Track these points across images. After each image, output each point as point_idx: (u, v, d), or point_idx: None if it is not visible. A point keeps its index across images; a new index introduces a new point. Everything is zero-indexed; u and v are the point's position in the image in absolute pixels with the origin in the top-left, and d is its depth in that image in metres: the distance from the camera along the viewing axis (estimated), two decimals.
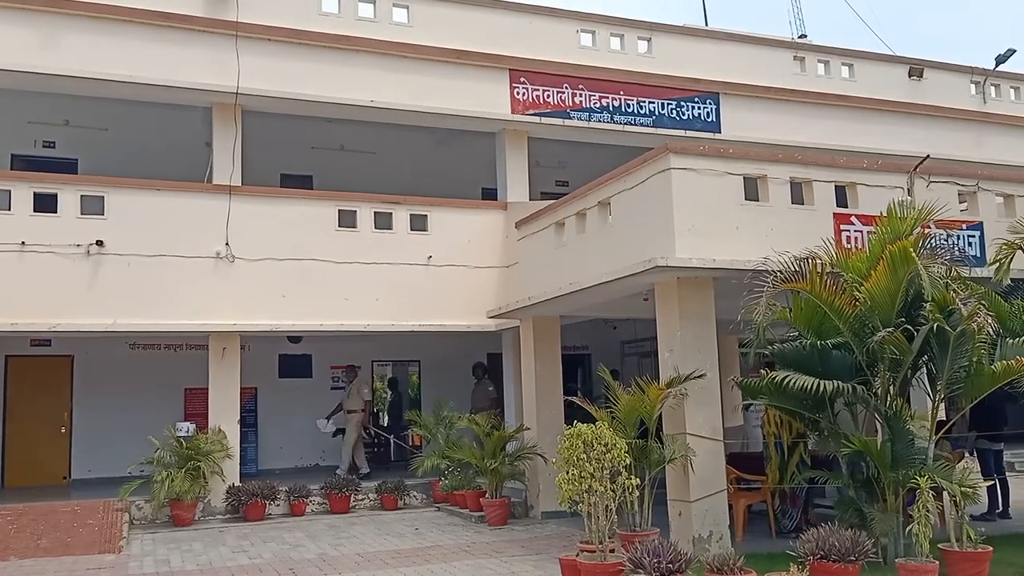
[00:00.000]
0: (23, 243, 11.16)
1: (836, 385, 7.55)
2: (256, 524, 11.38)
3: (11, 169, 13.98)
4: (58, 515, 10.84)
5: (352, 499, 12.31)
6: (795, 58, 16.26)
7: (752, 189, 8.96)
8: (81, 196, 11.66)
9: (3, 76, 11.60)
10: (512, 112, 13.85)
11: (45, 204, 11.47)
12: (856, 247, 8.73)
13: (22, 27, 11.47)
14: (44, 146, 14.88)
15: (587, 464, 7.18)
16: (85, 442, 14.18)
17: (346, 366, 14.69)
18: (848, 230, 9.09)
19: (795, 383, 7.55)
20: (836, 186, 9.32)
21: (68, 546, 9.83)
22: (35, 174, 12.52)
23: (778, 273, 7.82)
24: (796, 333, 8.29)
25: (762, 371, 8.28)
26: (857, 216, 9.19)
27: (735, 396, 10.49)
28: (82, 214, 11.59)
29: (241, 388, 12.45)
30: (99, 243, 11.47)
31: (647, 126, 14.60)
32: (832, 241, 8.67)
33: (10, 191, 11.39)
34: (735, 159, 9.06)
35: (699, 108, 15.07)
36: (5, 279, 11.00)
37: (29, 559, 9.29)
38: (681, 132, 14.62)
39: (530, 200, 13.82)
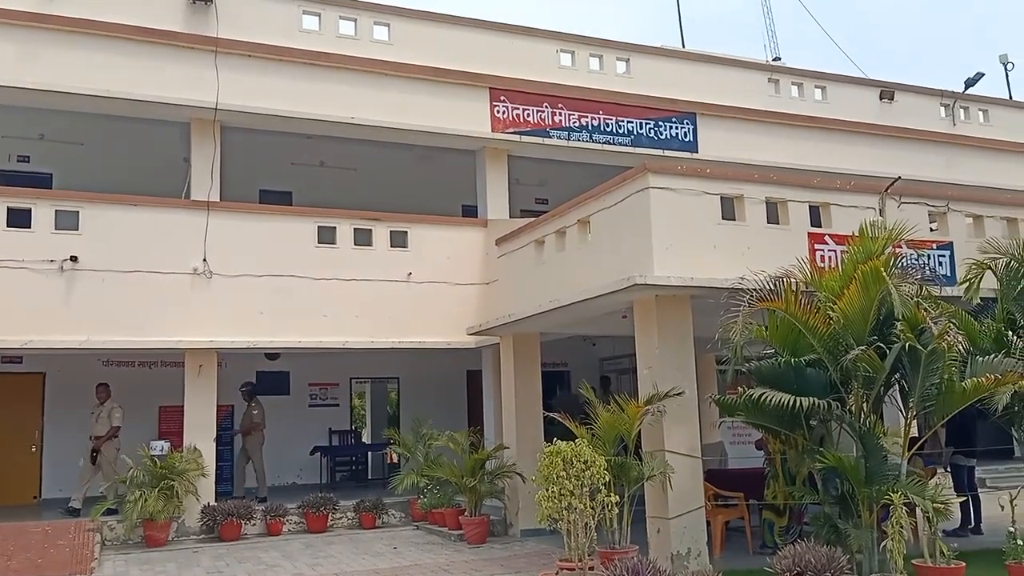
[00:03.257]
0: None
1: (811, 402, 7.62)
2: (232, 544, 11.25)
3: None
4: (28, 535, 10.65)
5: (330, 518, 12.22)
6: (769, 80, 16.53)
7: (729, 208, 9.09)
8: (56, 211, 11.55)
9: None
10: (492, 130, 13.94)
11: (18, 219, 11.34)
12: (830, 266, 8.87)
13: (0, 42, 11.38)
14: (18, 160, 14.74)
15: (566, 481, 7.21)
16: (56, 461, 13.96)
17: (98, 385, 12.67)
18: (822, 249, 9.25)
19: (771, 400, 7.63)
20: (810, 206, 9.49)
21: (39, 567, 9.64)
22: (8, 189, 12.34)
23: (754, 292, 7.91)
24: (772, 351, 8.38)
25: (739, 388, 8.36)
26: (831, 236, 9.34)
27: (713, 413, 10.57)
28: (56, 229, 11.47)
29: (218, 406, 12.34)
30: (73, 259, 11.35)
31: (625, 145, 14.76)
32: (807, 260, 8.78)
33: None
34: (712, 179, 9.20)
35: (677, 128, 15.26)
36: None
37: None
38: (659, 151, 14.80)
39: (510, 217, 13.90)
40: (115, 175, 13.75)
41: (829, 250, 9.21)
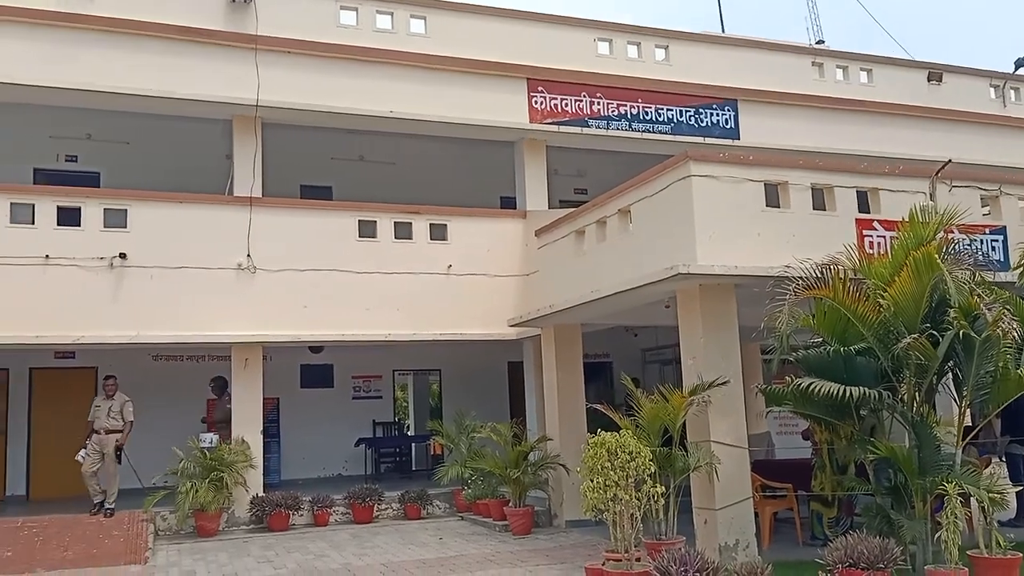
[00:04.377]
0: (47, 257, 11.29)
1: (861, 391, 7.48)
2: (280, 534, 11.42)
3: (34, 183, 14.15)
4: (84, 526, 10.92)
5: (375, 509, 12.34)
6: (813, 63, 16.23)
7: (773, 195, 8.95)
8: (104, 209, 11.78)
9: (26, 91, 11.77)
10: (530, 121, 13.90)
11: (69, 218, 11.59)
12: (879, 253, 8.69)
13: (45, 42, 11.62)
14: (67, 160, 15.04)
15: (611, 472, 7.18)
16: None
17: (106, 377, 12.10)
18: (871, 235, 9.06)
19: (820, 389, 7.51)
20: (858, 191, 9.29)
21: (94, 557, 9.89)
22: (58, 188, 12.67)
23: (800, 280, 7.79)
24: (820, 339, 8.25)
25: (787, 378, 8.23)
26: (879, 221, 9.14)
27: (758, 403, 10.43)
28: (105, 227, 11.70)
29: (263, 398, 12.52)
30: (122, 256, 11.58)
31: (665, 133, 14.61)
32: (855, 247, 8.61)
33: (34, 205, 11.53)
34: (755, 166, 9.05)
35: (717, 115, 15.05)
36: (30, 293, 11.12)
37: (55, 570, 9.35)
38: (700, 139, 14.63)
39: (549, 208, 13.85)
40: (160, 173, 13.99)
41: (878, 236, 9.01)
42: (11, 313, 11.00)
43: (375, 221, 12.99)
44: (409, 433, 17.37)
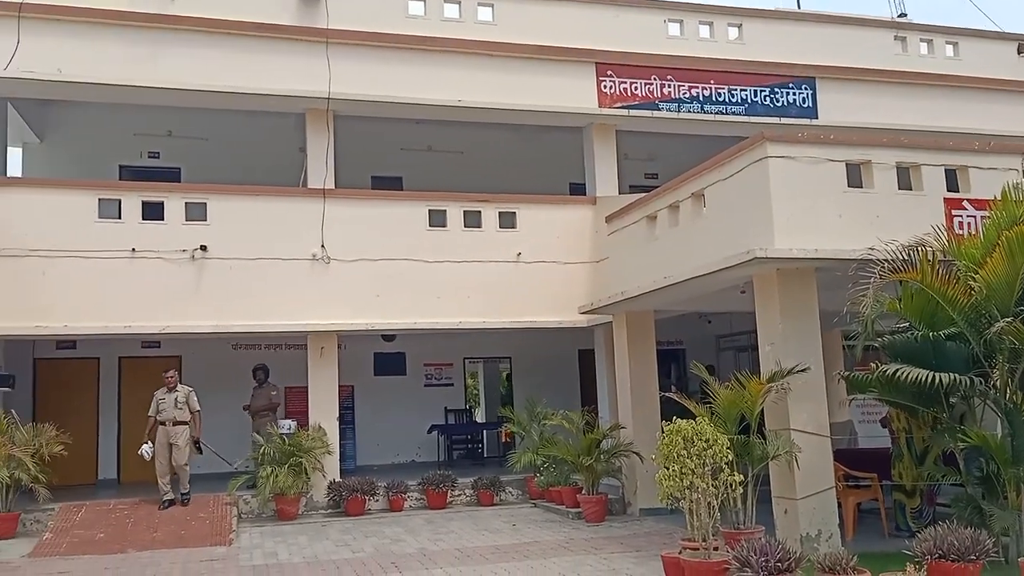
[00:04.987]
0: (133, 250, 11.72)
1: (952, 378, 7.18)
2: (356, 519, 11.64)
3: (120, 180, 14.71)
4: (171, 509, 11.33)
5: (449, 495, 12.46)
6: (896, 38, 15.61)
7: (855, 176, 8.63)
8: (185, 203, 12.15)
9: (112, 91, 12.20)
10: (599, 106, 13.73)
11: (152, 212, 12.00)
12: (969, 233, 8.30)
13: (128, 43, 12.01)
14: (149, 156, 15.59)
15: (688, 460, 7.06)
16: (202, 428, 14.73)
17: (169, 369, 12.15)
18: (960, 215, 8.67)
19: (907, 376, 7.23)
20: (946, 170, 8.89)
21: (182, 538, 10.25)
22: (143, 183, 13.14)
23: (886, 263, 7.50)
24: (906, 324, 7.94)
25: (871, 364, 7.95)
26: (969, 201, 8.75)
27: (840, 390, 10.12)
28: (187, 220, 12.07)
29: (339, 386, 12.75)
30: (203, 248, 11.93)
31: (739, 114, 14.26)
32: (943, 227, 8.25)
33: (120, 200, 11.97)
34: (836, 145, 8.74)
35: (794, 94, 14.61)
36: (118, 284, 11.58)
37: (147, 551, 9.73)
38: (775, 119, 14.23)
39: (619, 194, 13.69)
40: (237, 167, 14.40)
41: (968, 216, 8.62)
42: (102, 305, 11.48)
43: (445, 210, 13.06)
44: (479, 420, 17.48)
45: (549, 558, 8.59)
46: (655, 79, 13.96)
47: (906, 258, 7.53)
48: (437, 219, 13.01)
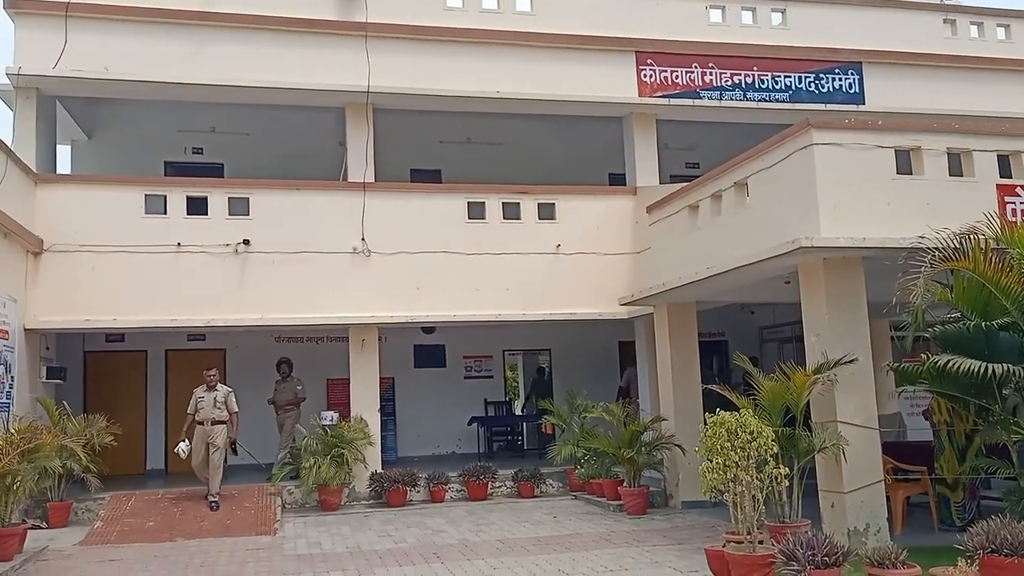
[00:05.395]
0: (179, 244, 11.91)
1: (1005, 368, 6.97)
2: (398, 510, 11.72)
3: (164, 175, 14.97)
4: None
5: (489, 487, 12.47)
6: (945, 21, 15.22)
7: (904, 162, 8.42)
8: (228, 198, 12.30)
9: (158, 88, 12.44)
10: (639, 95, 13.62)
11: (197, 207, 12.18)
12: (1023, 220, 8.05)
13: (172, 41, 12.24)
14: (193, 152, 15.83)
15: (732, 453, 6.96)
16: (239, 429, 15.00)
17: (210, 368, 12.02)
18: (1013, 202, 8.43)
19: (959, 367, 7.03)
20: (999, 155, 8.63)
21: (228, 528, 10.44)
22: (187, 179, 13.33)
23: (936, 251, 7.30)
24: (957, 314, 7.73)
25: (922, 355, 7.76)
26: (1023, 187, 8.47)
27: (888, 382, 9.90)
28: (230, 215, 12.23)
29: (379, 378, 12.84)
30: (246, 242, 12.08)
31: (783, 101, 14.03)
32: (996, 215, 8.00)
33: (166, 196, 12.17)
34: (884, 131, 8.52)
35: (840, 79, 14.31)
36: (164, 279, 11.78)
37: (194, 539, 9.93)
38: (821, 106, 13.98)
39: (660, 184, 13.55)
40: (278, 162, 14.56)
41: (1021, 203, 8.37)
42: (149, 299, 11.69)
43: (483, 202, 13.05)
44: (518, 412, 17.46)
45: (591, 550, 8.56)
46: (696, 67, 13.78)
47: (957, 246, 7.33)
48: (476, 211, 13.01)
